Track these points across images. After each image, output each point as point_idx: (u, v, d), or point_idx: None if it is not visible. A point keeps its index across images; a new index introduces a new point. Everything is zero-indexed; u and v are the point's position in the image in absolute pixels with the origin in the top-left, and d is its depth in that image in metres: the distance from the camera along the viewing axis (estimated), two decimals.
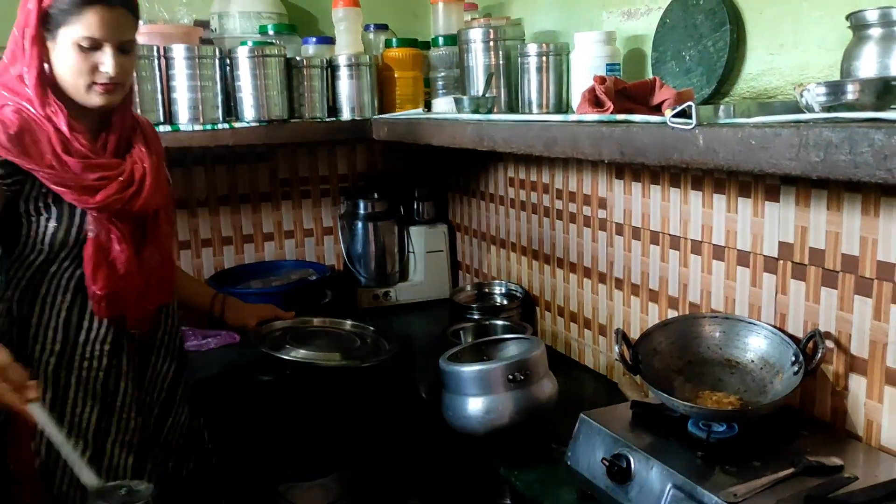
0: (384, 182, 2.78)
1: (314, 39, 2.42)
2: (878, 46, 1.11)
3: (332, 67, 2.31)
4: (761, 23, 1.46)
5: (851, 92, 0.96)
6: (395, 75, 2.35)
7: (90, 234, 1.47)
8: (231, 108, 2.19)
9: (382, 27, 2.53)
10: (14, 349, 1.39)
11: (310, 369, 1.89)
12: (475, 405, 1.62)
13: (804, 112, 1.00)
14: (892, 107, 0.96)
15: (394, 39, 2.40)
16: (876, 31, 1.12)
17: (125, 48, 1.46)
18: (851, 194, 1.31)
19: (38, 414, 1.28)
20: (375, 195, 2.67)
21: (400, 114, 2.27)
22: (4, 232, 1.46)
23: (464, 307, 2.28)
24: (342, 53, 2.32)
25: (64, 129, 1.43)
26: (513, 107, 2.01)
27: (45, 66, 1.43)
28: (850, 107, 0.95)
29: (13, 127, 1.39)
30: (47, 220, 1.46)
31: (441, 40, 2.30)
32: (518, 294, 2.32)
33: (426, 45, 2.41)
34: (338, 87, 2.31)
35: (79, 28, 1.40)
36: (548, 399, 1.66)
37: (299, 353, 1.87)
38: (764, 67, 1.46)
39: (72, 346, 1.51)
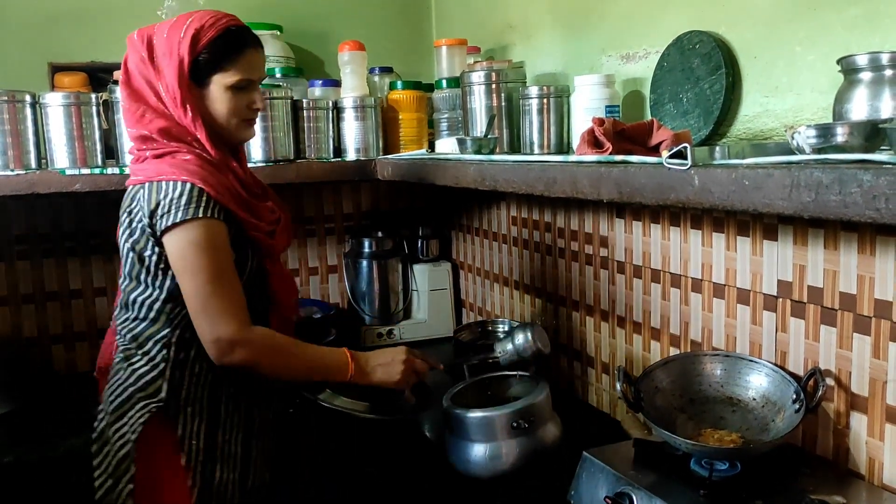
0: (388, 221, 2.81)
1: (320, 82, 2.47)
2: (868, 90, 1.14)
3: (337, 109, 2.35)
4: (756, 66, 1.50)
5: (841, 134, 0.99)
6: (400, 116, 2.39)
7: (269, 268, 1.60)
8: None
9: (387, 70, 2.58)
10: (170, 386, 1.48)
11: (336, 414, 1.81)
12: (479, 451, 1.62)
13: (796, 153, 1.03)
14: (881, 149, 0.99)
15: (398, 82, 2.45)
16: (866, 75, 1.15)
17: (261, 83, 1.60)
18: (847, 233, 1.33)
19: None
20: (380, 234, 2.70)
21: (404, 154, 2.31)
22: (172, 277, 1.48)
23: (467, 345, 2.29)
24: (348, 95, 2.37)
25: (240, 172, 1.55)
26: (514, 147, 2.04)
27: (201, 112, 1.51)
28: (840, 148, 0.98)
29: (208, 173, 1.45)
30: (245, 258, 1.53)
31: (444, 82, 2.35)
32: None
33: (430, 88, 2.46)
34: (343, 128, 2.35)
35: (234, 73, 1.50)
36: (552, 443, 1.65)
37: (335, 400, 1.77)
38: (759, 109, 1.50)
39: (222, 377, 1.54)
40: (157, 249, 1.46)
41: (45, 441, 2.00)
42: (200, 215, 1.42)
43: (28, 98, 1.99)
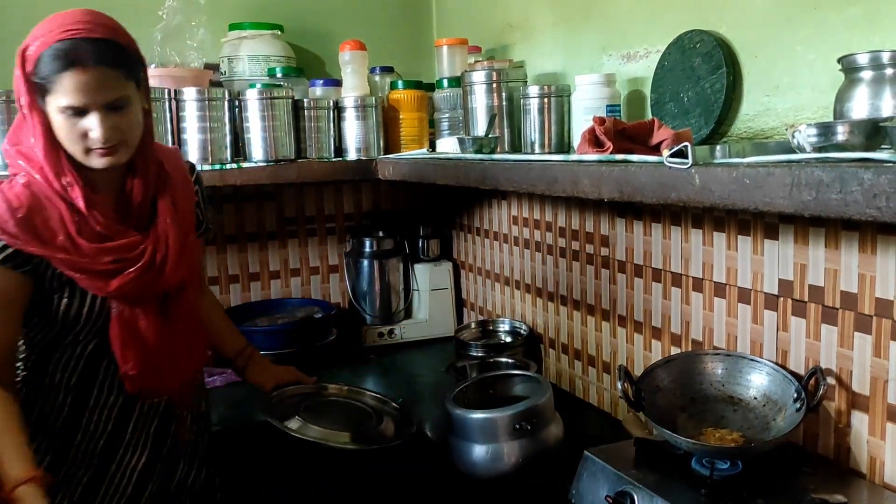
0: (389, 220, 2.81)
1: (321, 82, 2.47)
2: (868, 88, 1.14)
3: (338, 109, 2.35)
4: (756, 65, 1.50)
5: (841, 133, 0.99)
6: (401, 116, 2.39)
7: (113, 312, 1.42)
8: (239, 148, 2.23)
9: (388, 69, 2.58)
10: (24, 407, 1.41)
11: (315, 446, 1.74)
12: (481, 452, 1.63)
13: (797, 152, 1.03)
14: (882, 147, 0.99)
15: (399, 81, 2.45)
16: (867, 74, 1.15)
17: (116, 106, 1.35)
18: (848, 232, 1.33)
19: None
20: (380, 233, 2.70)
21: (405, 154, 2.31)
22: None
23: (468, 345, 2.29)
24: (349, 95, 2.37)
25: (80, 205, 1.37)
26: (515, 147, 2.05)
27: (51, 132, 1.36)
28: (841, 147, 0.98)
29: (22, 209, 1.34)
30: (60, 297, 1.41)
31: (445, 82, 2.35)
32: (522, 332, 2.33)
33: (431, 87, 2.46)
34: (344, 127, 2.35)
35: (59, 96, 1.31)
36: (554, 443, 1.66)
37: (308, 431, 1.69)
38: (760, 109, 1.50)
39: (79, 411, 1.48)
40: None
41: None
42: None
43: None
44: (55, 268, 1.38)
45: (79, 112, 1.33)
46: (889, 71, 1.12)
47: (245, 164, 2.20)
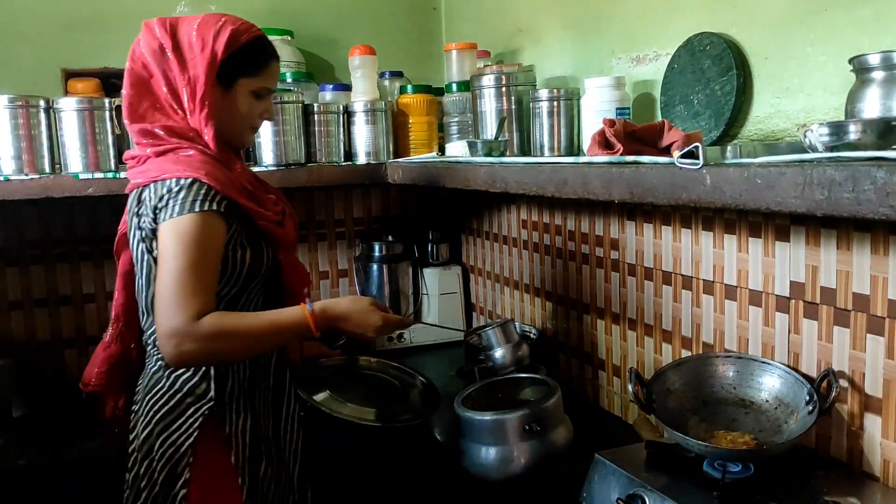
0: (399, 225, 2.82)
1: (331, 86, 2.48)
2: (880, 89, 1.14)
3: (348, 113, 2.36)
4: (767, 67, 1.50)
5: (854, 132, 0.99)
6: (410, 120, 2.40)
7: (282, 258, 1.57)
8: (250, 153, 2.24)
9: (397, 74, 2.59)
10: (217, 385, 1.48)
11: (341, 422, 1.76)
12: (490, 453, 1.62)
13: (808, 152, 1.03)
14: (894, 146, 0.98)
15: (408, 86, 2.46)
16: (878, 74, 1.15)
17: None
18: (860, 233, 1.32)
19: None
20: (390, 238, 2.70)
21: (414, 158, 2.31)
22: None
23: (478, 349, 2.29)
24: (358, 100, 2.38)
25: (238, 167, 1.53)
26: (525, 150, 2.05)
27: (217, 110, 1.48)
28: (853, 146, 0.97)
29: (216, 167, 1.43)
30: (244, 253, 1.47)
31: (454, 86, 2.36)
32: (532, 335, 2.32)
33: (440, 91, 2.46)
34: (354, 132, 2.36)
35: (260, 79, 1.51)
36: (563, 445, 1.65)
37: (336, 406, 1.71)
38: (771, 110, 1.49)
39: (255, 369, 1.55)
40: None
41: (57, 444, 2.02)
42: (197, 209, 1.37)
43: (42, 103, 2.01)
44: (239, 225, 1.46)
45: (266, 94, 1.55)
46: None
47: (255, 169, 2.20)
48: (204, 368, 1.47)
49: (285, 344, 1.64)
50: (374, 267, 2.68)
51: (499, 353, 2.07)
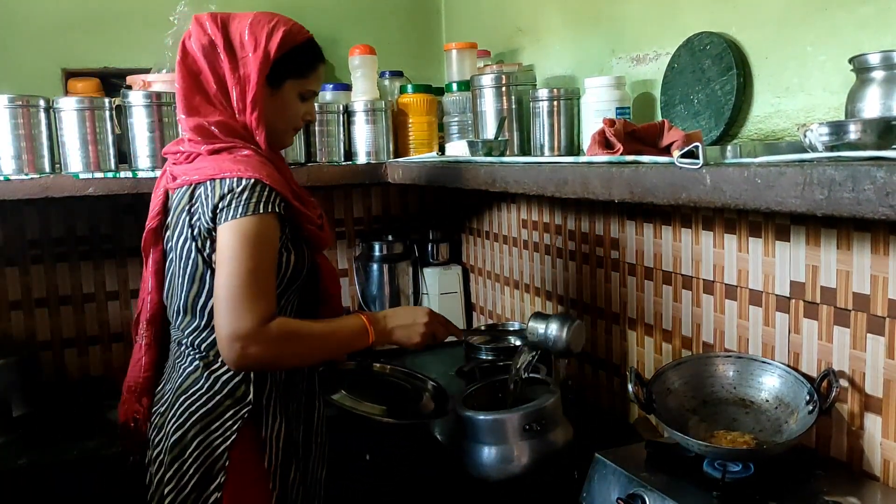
0: (399, 224, 2.82)
1: (331, 86, 2.48)
2: (880, 88, 1.14)
3: (348, 113, 2.36)
4: (767, 67, 1.49)
5: (854, 132, 0.99)
6: (410, 120, 2.40)
7: (322, 262, 1.59)
8: None
9: (397, 74, 2.59)
10: (256, 388, 1.46)
11: (351, 416, 1.76)
12: (490, 453, 1.62)
13: (808, 152, 1.03)
14: (894, 146, 0.98)
15: (409, 85, 2.46)
16: (878, 74, 1.15)
17: None
18: (860, 233, 1.32)
19: None
20: (390, 237, 2.70)
21: (414, 157, 2.31)
22: None
23: (478, 348, 2.29)
24: (358, 99, 2.38)
25: (284, 167, 1.54)
26: (525, 150, 2.05)
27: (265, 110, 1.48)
28: (853, 146, 0.97)
29: (268, 168, 1.42)
30: (289, 255, 1.46)
31: (455, 86, 2.36)
32: None
33: (440, 91, 2.46)
34: (354, 131, 2.36)
35: (308, 82, 1.52)
36: (563, 445, 1.65)
37: (351, 403, 1.70)
38: (771, 110, 1.49)
39: (290, 373, 1.53)
40: None
41: (58, 444, 2.01)
42: (260, 211, 1.36)
43: (42, 103, 2.01)
44: (289, 224, 1.46)
45: (309, 97, 1.55)
46: None
47: None
48: (244, 372, 1.45)
49: (345, 352, 1.62)
50: (375, 266, 2.68)
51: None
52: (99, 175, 2.03)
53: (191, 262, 1.44)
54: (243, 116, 1.46)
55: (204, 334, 1.46)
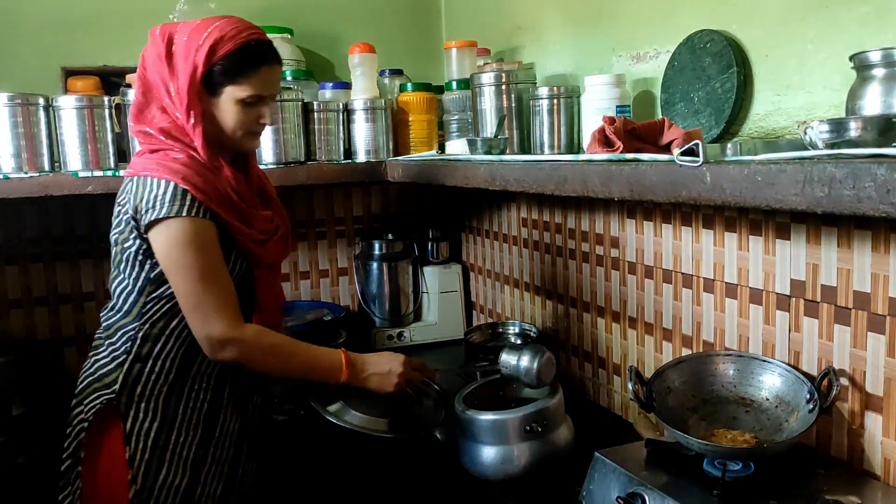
0: (399, 223, 2.81)
1: (331, 84, 2.48)
2: (881, 86, 1.13)
3: (348, 111, 2.36)
4: (767, 65, 1.49)
5: (854, 129, 0.98)
6: (410, 118, 2.40)
7: (258, 275, 1.59)
8: None
9: (397, 72, 2.59)
10: (125, 379, 1.50)
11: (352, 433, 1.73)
12: (490, 453, 1.62)
13: (809, 149, 1.02)
14: (895, 143, 0.98)
15: (408, 84, 2.45)
16: (879, 72, 1.15)
17: (275, 98, 1.60)
18: (861, 231, 1.32)
19: None
20: (390, 236, 2.70)
21: (414, 156, 2.31)
22: (147, 270, 1.49)
23: (478, 347, 2.29)
24: (358, 98, 2.37)
25: (232, 182, 1.52)
26: (525, 148, 2.04)
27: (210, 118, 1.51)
28: (854, 143, 0.97)
29: (199, 173, 1.45)
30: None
31: (454, 84, 2.35)
32: (532, 334, 2.32)
33: (440, 89, 2.46)
34: (354, 130, 2.36)
35: (246, 87, 1.49)
36: (564, 445, 1.65)
37: (348, 416, 1.70)
38: (771, 108, 1.49)
39: (183, 378, 1.54)
40: (137, 242, 1.47)
41: (57, 443, 2.01)
42: (185, 214, 1.42)
43: (41, 101, 2.01)
44: (218, 228, 1.48)
45: (257, 101, 1.52)
46: None
47: None
48: (121, 359, 1.51)
49: (315, 380, 1.64)
50: (374, 265, 2.68)
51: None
52: (98, 173, 2.02)
53: (114, 250, 1.54)
54: (185, 124, 1.49)
55: (108, 314, 1.56)
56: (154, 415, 1.51)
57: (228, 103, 1.50)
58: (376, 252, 2.68)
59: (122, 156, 2.13)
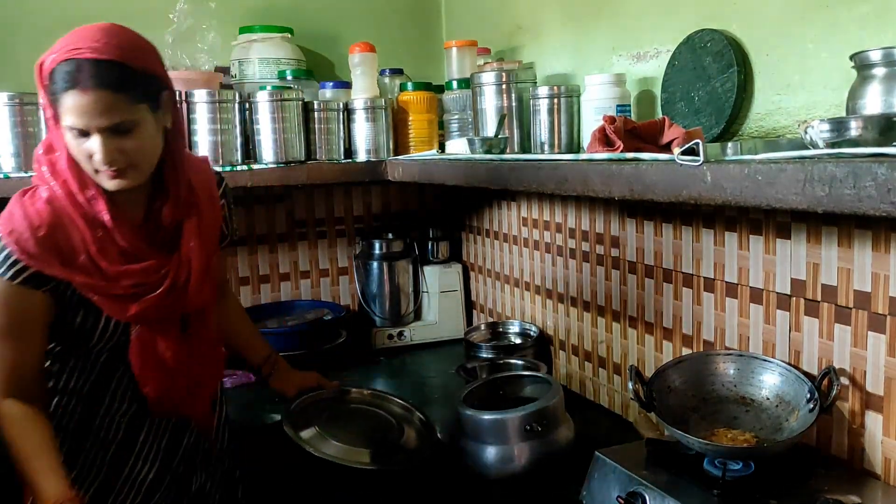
0: (399, 222, 2.81)
1: (331, 84, 2.48)
2: (881, 85, 1.13)
3: (348, 111, 2.36)
4: (768, 64, 1.49)
5: (854, 128, 0.98)
6: (410, 118, 2.40)
7: (133, 334, 1.41)
8: (250, 150, 2.24)
9: (398, 71, 2.59)
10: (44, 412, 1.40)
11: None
12: (491, 453, 1.62)
13: (809, 148, 1.02)
14: (895, 143, 0.98)
15: (409, 83, 2.45)
16: (879, 71, 1.14)
17: (121, 129, 1.27)
18: (861, 231, 1.32)
19: None
20: (390, 235, 2.70)
21: (414, 155, 2.31)
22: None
23: (478, 346, 2.29)
24: (358, 97, 2.37)
25: (105, 218, 1.33)
26: (525, 148, 2.04)
27: None
28: (854, 142, 0.97)
29: (43, 227, 1.30)
30: (76, 314, 1.38)
31: (455, 84, 2.35)
32: (532, 333, 2.32)
33: (440, 89, 2.46)
34: (354, 129, 2.35)
35: (65, 115, 1.26)
36: (564, 445, 1.65)
37: (325, 446, 1.65)
38: (771, 107, 1.49)
39: (90, 418, 1.46)
40: None
41: None
42: None
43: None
44: (74, 288, 1.36)
45: (82, 133, 1.27)
46: None
47: (255, 166, 2.20)
48: None
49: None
50: (374, 265, 2.68)
51: None
52: None
53: None
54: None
55: None
56: (62, 446, 1.41)
57: (66, 133, 1.29)
58: (376, 251, 2.68)
59: None
